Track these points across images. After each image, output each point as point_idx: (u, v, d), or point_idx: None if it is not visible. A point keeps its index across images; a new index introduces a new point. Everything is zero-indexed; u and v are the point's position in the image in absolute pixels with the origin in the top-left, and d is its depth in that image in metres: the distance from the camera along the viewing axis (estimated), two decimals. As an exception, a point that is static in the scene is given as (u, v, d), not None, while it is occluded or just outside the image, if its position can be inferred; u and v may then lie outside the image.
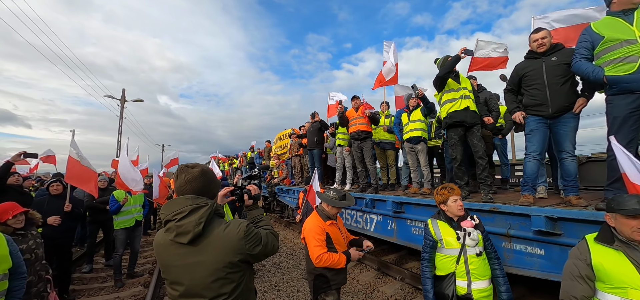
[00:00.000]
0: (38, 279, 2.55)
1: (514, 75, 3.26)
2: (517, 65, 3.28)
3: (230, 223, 1.39)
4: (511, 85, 3.31)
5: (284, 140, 9.86)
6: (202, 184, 1.42)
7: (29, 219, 2.63)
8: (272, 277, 5.25)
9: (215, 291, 1.31)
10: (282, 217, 10.17)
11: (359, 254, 2.59)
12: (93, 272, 5.61)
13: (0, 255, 1.99)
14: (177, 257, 1.33)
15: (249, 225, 1.41)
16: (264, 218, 1.63)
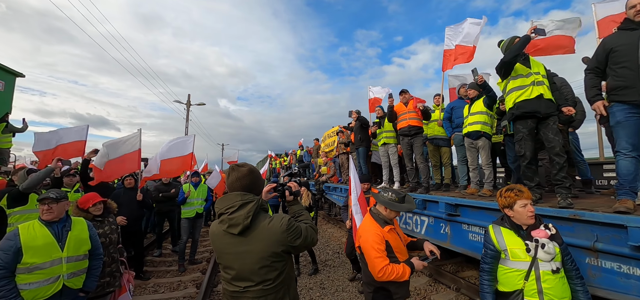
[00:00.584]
0: (112, 261, 2.92)
1: (600, 52, 2.64)
2: (606, 38, 2.67)
3: (273, 217, 1.54)
4: (596, 64, 2.69)
5: (331, 137, 9.82)
6: (249, 181, 1.59)
7: (106, 207, 3.03)
8: (318, 274, 5.24)
9: (261, 277, 1.48)
10: (329, 214, 10.18)
11: (423, 264, 2.19)
12: (162, 257, 6.30)
13: (83, 238, 2.31)
14: (229, 245, 1.52)
15: (290, 219, 1.55)
16: (304, 212, 1.74)
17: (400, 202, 2.24)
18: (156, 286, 4.68)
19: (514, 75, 3.23)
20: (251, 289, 1.49)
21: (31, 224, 2.11)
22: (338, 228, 9.19)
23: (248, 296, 1.49)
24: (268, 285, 1.49)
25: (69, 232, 2.22)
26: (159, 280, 4.92)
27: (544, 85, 3.10)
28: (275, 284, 1.50)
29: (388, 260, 2.06)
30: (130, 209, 4.70)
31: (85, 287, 2.34)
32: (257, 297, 1.48)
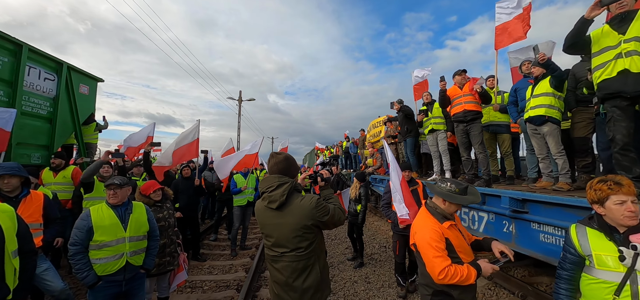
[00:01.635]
0: (170, 242, 3.18)
1: None
2: None
3: (305, 196, 1.83)
4: None
5: (377, 127, 9.46)
6: (285, 166, 1.90)
7: (164, 194, 3.30)
8: (363, 268, 5.10)
9: (294, 244, 1.79)
10: (376, 207, 9.89)
11: (494, 268, 1.87)
12: (217, 241, 6.79)
13: (142, 220, 2.55)
14: (269, 218, 1.85)
15: (319, 199, 1.83)
16: (333, 196, 2.04)
17: (461, 193, 1.93)
18: (211, 268, 5.04)
19: (597, 49, 2.62)
20: (286, 254, 1.81)
21: (100, 206, 2.38)
22: (385, 221, 8.88)
23: (284, 260, 1.81)
24: (300, 253, 1.79)
25: (131, 215, 2.45)
26: (214, 262, 5.30)
27: (637, 54, 2.37)
28: (307, 252, 1.80)
29: (450, 260, 1.80)
30: (187, 195, 5.14)
31: (145, 265, 2.57)
32: (291, 262, 1.80)
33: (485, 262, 1.90)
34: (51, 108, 6.24)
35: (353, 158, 13.59)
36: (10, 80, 5.24)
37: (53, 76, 6.25)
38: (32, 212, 2.65)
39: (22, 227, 1.84)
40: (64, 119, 6.56)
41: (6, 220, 1.73)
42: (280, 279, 1.83)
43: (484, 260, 1.92)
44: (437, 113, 5.41)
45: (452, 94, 4.58)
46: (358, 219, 5.10)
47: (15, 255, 1.73)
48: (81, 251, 2.23)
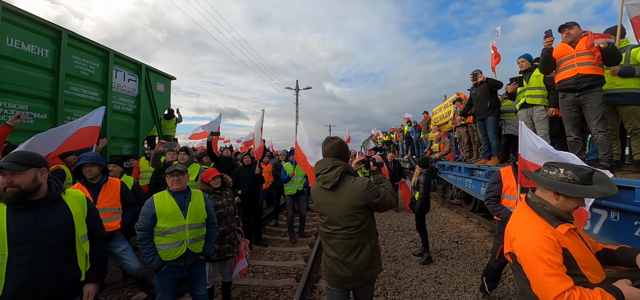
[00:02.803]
0: (230, 229, 3.20)
1: None
2: None
3: (357, 179, 1.95)
4: None
5: (446, 108, 8.42)
6: (339, 150, 2.04)
7: (224, 181, 3.32)
8: (432, 265, 4.55)
9: (346, 223, 1.90)
10: (444, 196, 8.94)
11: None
12: (278, 227, 6.94)
13: (200, 208, 2.54)
14: (323, 197, 2.00)
15: (370, 182, 1.94)
16: (385, 180, 2.11)
17: (584, 182, 1.36)
18: (272, 253, 5.10)
19: None
20: (339, 231, 1.93)
21: (162, 194, 2.44)
22: (454, 213, 7.97)
23: (337, 237, 1.94)
24: (352, 231, 1.90)
25: (190, 203, 2.46)
26: (275, 248, 5.37)
27: None
28: (358, 230, 1.90)
29: (571, 281, 1.26)
30: (248, 183, 5.25)
31: (205, 252, 2.57)
32: (342, 239, 1.92)
33: (626, 283, 1.28)
34: (135, 105, 7.05)
35: (415, 143, 12.57)
36: (102, 83, 6.01)
37: (135, 77, 7.02)
38: (111, 197, 2.89)
39: (92, 213, 1.91)
40: (146, 114, 7.37)
41: (76, 206, 1.79)
42: (333, 255, 1.97)
43: (625, 281, 1.30)
44: (537, 83, 4.24)
45: (559, 54, 3.53)
46: (415, 207, 4.72)
47: (85, 239, 1.80)
48: (147, 237, 2.32)
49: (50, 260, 1.62)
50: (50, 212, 1.67)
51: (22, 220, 1.57)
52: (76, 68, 5.47)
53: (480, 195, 5.51)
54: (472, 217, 7.20)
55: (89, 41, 5.69)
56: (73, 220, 1.73)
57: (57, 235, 1.66)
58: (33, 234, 1.58)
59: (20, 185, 1.56)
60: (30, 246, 1.56)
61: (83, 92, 5.65)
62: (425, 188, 4.71)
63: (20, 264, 1.53)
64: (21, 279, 1.52)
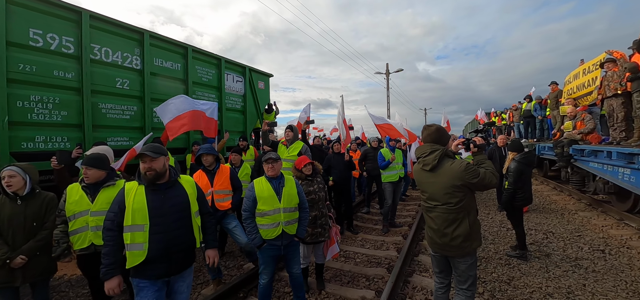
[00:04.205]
0: (321, 215, 3.31)
1: None
2: None
3: (455, 161, 2.15)
4: None
5: (589, 74, 6.41)
6: (436, 136, 2.24)
7: (315, 168, 3.44)
8: (563, 276, 3.62)
9: (445, 199, 2.13)
10: (583, 191, 6.98)
11: None
12: (369, 214, 6.87)
13: (292, 193, 2.69)
14: (425, 177, 2.26)
15: (468, 163, 2.10)
16: (486, 161, 2.26)
17: None
18: (363, 241, 5.08)
19: None
20: (439, 206, 2.17)
21: (260, 180, 2.72)
22: (599, 213, 6.13)
23: (437, 211, 2.19)
24: (451, 207, 2.12)
25: (283, 188, 2.67)
26: (366, 236, 5.33)
27: None
28: (456, 207, 2.11)
29: None
30: (339, 170, 5.34)
31: (298, 234, 2.76)
32: (442, 213, 2.16)
33: None
34: (242, 103, 8.12)
35: (538, 124, 10.18)
36: (217, 86, 7.16)
37: (241, 78, 8.07)
38: (223, 181, 3.41)
39: (200, 194, 2.30)
40: (251, 109, 8.41)
41: (189, 188, 2.20)
42: (433, 226, 2.24)
43: None
44: None
45: None
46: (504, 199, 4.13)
47: (197, 215, 2.20)
48: (250, 217, 2.64)
49: (176, 230, 2.01)
50: (173, 192, 2.07)
51: (156, 198, 2.00)
52: (199, 76, 6.67)
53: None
54: (628, 220, 5.39)
55: (205, 52, 6.84)
56: (188, 199, 2.12)
57: (179, 210, 2.05)
58: (163, 209, 1.99)
59: (157, 169, 1.97)
60: (162, 219, 1.98)
61: (205, 95, 6.84)
62: (515, 178, 3.89)
63: (157, 232, 1.95)
64: (159, 244, 1.94)
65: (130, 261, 1.94)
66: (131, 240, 1.93)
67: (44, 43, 4.29)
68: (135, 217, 1.94)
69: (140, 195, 1.98)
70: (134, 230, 1.93)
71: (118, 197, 2.01)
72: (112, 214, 1.97)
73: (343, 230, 5.44)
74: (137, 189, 2.01)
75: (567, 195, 8.03)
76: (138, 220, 1.94)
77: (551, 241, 4.73)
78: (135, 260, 1.94)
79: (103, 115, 4.95)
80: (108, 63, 5.04)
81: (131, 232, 1.93)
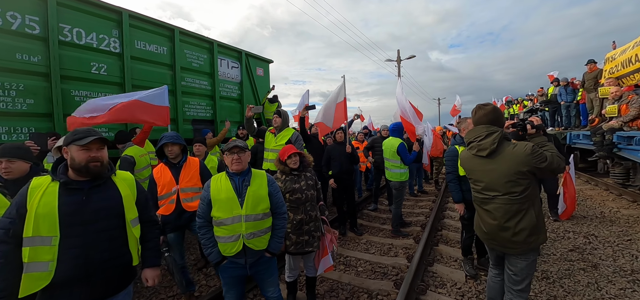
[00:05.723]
0: (309, 218, 2.65)
1: None
2: None
3: (518, 144, 1.89)
4: None
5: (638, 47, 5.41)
6: (493, 117, 1.98)
7: (303, 161, 2.78)
8: (620, 295, 2.84)
9: (507, 189, 1.87)
10: (624, 186, 6.02)
11: None
12: (377, 212, 6.17)
13: (260, 195, 2.04)
14: (478, 164, 2.00)
15: (534, 146, 1.84)
16: (547, 143, 1.99)
17: None
18: (368, 244, 4.41)
19: None
20: (499, 197, 1.91)
21: (220, 176, 2.04)
22: (651, 210, 5.21)
23: (496, 202, 1.92)
24: (514, 197, 1.86)
25: (248, 188, 2.00)
26: (372, 238, 4.65)
27: None
28: (521, 197, 1.85)
29: None
30: (340, 162, 4.66)
31: (270, 248, 2.10)
32: (503, 204, 1.89)
33: None
34: (239, 90, 7.50)
35: (567, 109, 9.10)
36: (210, 72, 6.54)
37: (237, 64, 7.44)
38: (191, 176, 2.79)
39: (142, 196, 1.72)
40: (248, 98, 7.79)
41: (126, 188, 1.63)
42: (491, 221, 1.96)
43: None
44: None
45: None
46: None
47: (135, 223, 1.64)
48: (205, 225, 2.01)
49: (102, 243, 1.50)
50: (100, 193, 1.54)
51: (73, 200, 1.47)
52: (188, 61, 6.07)
53: None
54: (690, 219, 4.48)
55: (195, 35, 6.22)
56: (122, 202, 1.58)
57: (108, 216, 1.53)
58: (84, 215, 1.47)
59: (103, 160, 1.54)
60: (81, 228, 1.46)
61: (196, 82, 6.26)
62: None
63: (72, 246, 1.43)
64: (75, 262, 1.43)
65: (26, 287, 1.38)
66: (30, 258, 1.39)
67: (3, 22, 3.80)
68: (39, 226, 1.39)
69: (50, 196, 1.43)
70: (37, 245, 1.39)
71: (18, 198, 1.45)
72: (8, 220, 1.42)
73: (345, 231, 4.79)
74: (47, 187, 1.46)
75: (604, 189, 7.06)
76: (43, 231, 1.40)
77: (596, 247, 3.91)
78: (33, 286, 1.39)
79: (77, 103, 4.42)
80: (81, 46, 4.52)
81: (31, 246, 1.39)
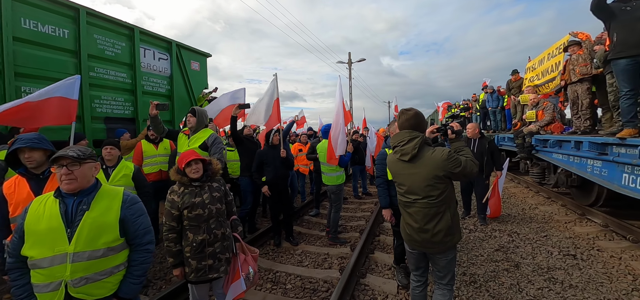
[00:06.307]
0: (214, 239, 2.21)
1: None
2: None
3: (436, 149, 1.94)
4: None
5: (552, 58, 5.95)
6: (415, 122, 2.02)
7: (208, 169, 2.32)
8: (539, 296, 2.91)
9: (426, 192, 1.93)
10: (542, 183, 6.64)
11: None
12: (319, 217, 5.90)
13: (105, 223, 1.46)
14: (402, 168, 2.04)
15: (450, 151, 1.91)
16: (465, 149, 2.04)
17: None
18: (303, 255, 4.09)
19: None
20: (419, 201, 1.96)
21: (45, 198, 1.45)
22: (558, 208, 5.77)
23: (416, 206, 1.98)
24: (432, 200, 1.92)
25: (85, 213, 1.43)
26: (308, 247, 4.34)
27: None
28: (438, 200, 1.91)
29: None
30: (274, 167, 4.26)
31: (121, 293, 1.54)
32: (422, 208, 1.95)
33: None
34: (168, 86, 6.65)
35: (493, 114, 9.92)
36: (130, 63, 5.63)
37: (166, 55, 6.58)
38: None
39: None
40: (181, 95, 6.97)
41: None
42: (412, 223, 2.02)
43: None
44: None
45: None
46: None
47: None
48: (15, 267, 1.41)
49: None
50: None
51: None
52: (100, 48, 5.14)
53: (622, 186, 3.48)
54: (590, 215, 5.01)
55: (109, 18, 5.30)
56: None
57: None
58: None
59: None
60: None
61: (110, 73, 5.33)
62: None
63: None
64: None
65: None
66: None
67: None
68: None
69: None
70: None
71: None
72: None
73: (280, 242, 4.40)
74: None
75: (525, 187, 7.78)
76: None
77: (518, 245, 4.10)
78: None
79: None
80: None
81: None
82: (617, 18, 3.32)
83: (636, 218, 4.65)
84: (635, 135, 3.30)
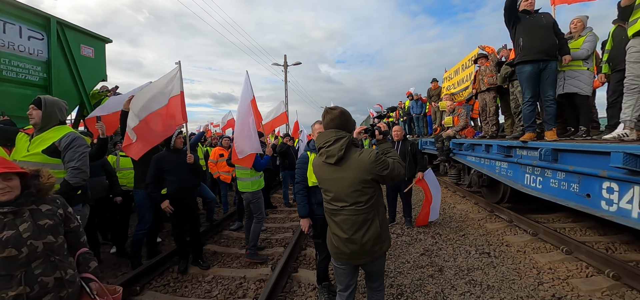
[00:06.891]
0: (41, 290, 1.45)
1: None
2: None
3: (363, 150, 1.82)
4: None
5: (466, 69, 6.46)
6: (341, 121, 1.87)
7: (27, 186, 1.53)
8: None
9: (354, 198, 1.78)
10: (458, 184, 7.20)
11: None
12: (240, 231, 5.23)
13: None
14: (328, 173, 1.86)
15: (378, 153, 1.80)
16: (392, 150, 1.96)
17: None
18: (214, 282, 3.40)
19: None
20: (346, 208, 1.80)
21: None
22: (472, 205, 6.25)
23: (344, 213, 1.81)
24: (360, 207, 1.77)
25: None
26: (221, 271, 3.66)
27: None
28: (366, 206, 1.78)
29: None
30: (178, 176, 3.48)
31: None
32: (350, 215, 1.79)
33: None
34: (44, 74, 5.19)
35: (416, 120, 10.65)
36: (-27, 37, 4.18)
37: (41, 35, 5.12)
38: None
39: None
40: (65, 86, 5.51)
41: None
42: (339, 233, 1.84)
43: None
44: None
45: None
46: None
47: None
48: None
49: None
50: None
51: None
52: None
53: (525, 185, 3.75)
54: (497, 212, 5.49)
55: None
56: None
57: None
58: None
59: None
60: None
61: None
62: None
63: None
64: None
65: None
66: None
67: None
68: None
69: None
70: None
71: None
72: None
73: (186, 268, 3.62)
74: None
75: (444, 187, 8.37)
76: None
77: (441, 247, 4.15)
78: None
79: None
80: None
81: None
82: (521, 23, 3.60)
83: (533, 212, 5.25)
84: (535, 139, 3.60)
